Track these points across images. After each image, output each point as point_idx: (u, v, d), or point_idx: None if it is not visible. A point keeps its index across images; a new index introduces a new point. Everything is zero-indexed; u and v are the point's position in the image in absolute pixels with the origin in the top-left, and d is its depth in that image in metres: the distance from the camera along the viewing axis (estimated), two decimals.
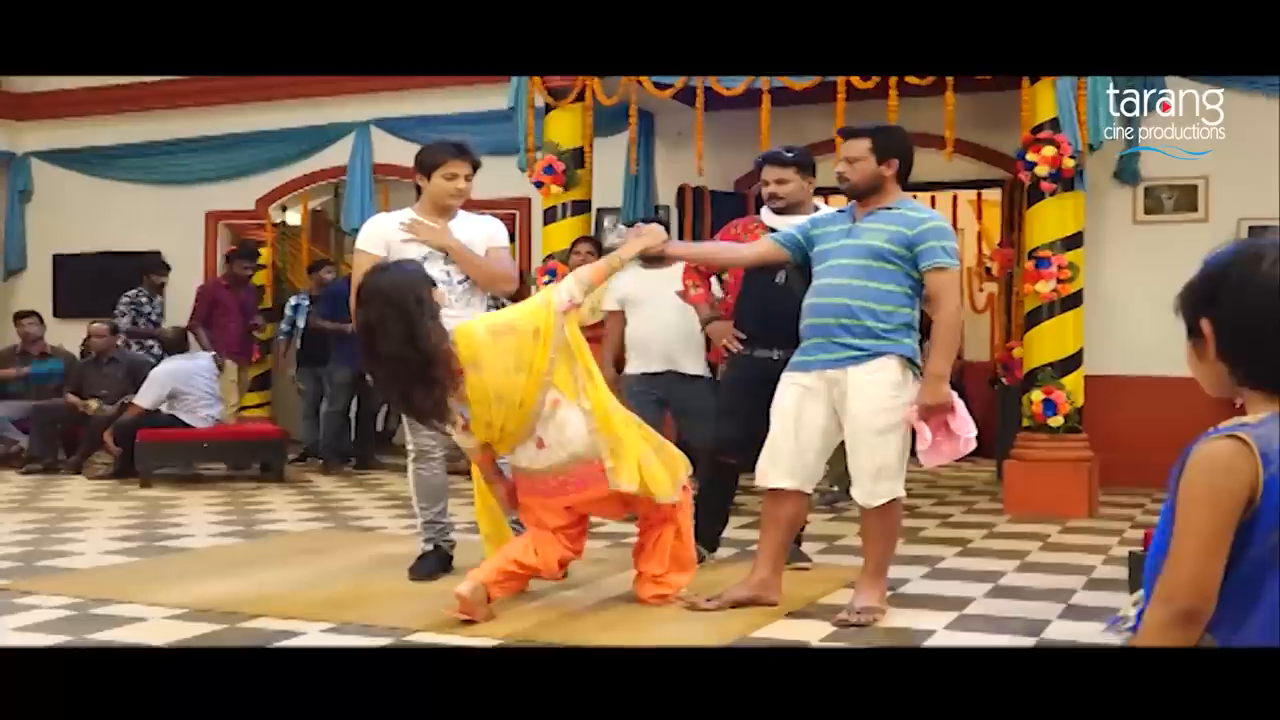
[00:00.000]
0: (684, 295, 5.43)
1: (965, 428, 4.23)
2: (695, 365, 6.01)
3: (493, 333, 4.24)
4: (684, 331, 5.84)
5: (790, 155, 5.12)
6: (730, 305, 5.29)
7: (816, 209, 5.03)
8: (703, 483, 5.24)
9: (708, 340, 5.60)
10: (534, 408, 4.19)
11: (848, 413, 4.29)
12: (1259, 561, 1.73)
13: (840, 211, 4.56)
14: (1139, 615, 1.92)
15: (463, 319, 4.95)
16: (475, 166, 5.10)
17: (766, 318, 4.95)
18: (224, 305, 10.06)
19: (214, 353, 9.51)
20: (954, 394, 4.24)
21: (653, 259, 4.80)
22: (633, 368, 6.14)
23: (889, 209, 4.36)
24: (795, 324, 4.45)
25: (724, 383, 5.43)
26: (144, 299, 10.25)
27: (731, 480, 5.36)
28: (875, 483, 4.28)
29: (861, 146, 4.37)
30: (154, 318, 10.29)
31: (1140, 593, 1.98)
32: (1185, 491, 1.75)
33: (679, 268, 5.44)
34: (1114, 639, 2.02)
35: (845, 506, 6.60)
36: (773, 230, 4.86)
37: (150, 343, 10.00)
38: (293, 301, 10.08)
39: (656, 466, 4.35)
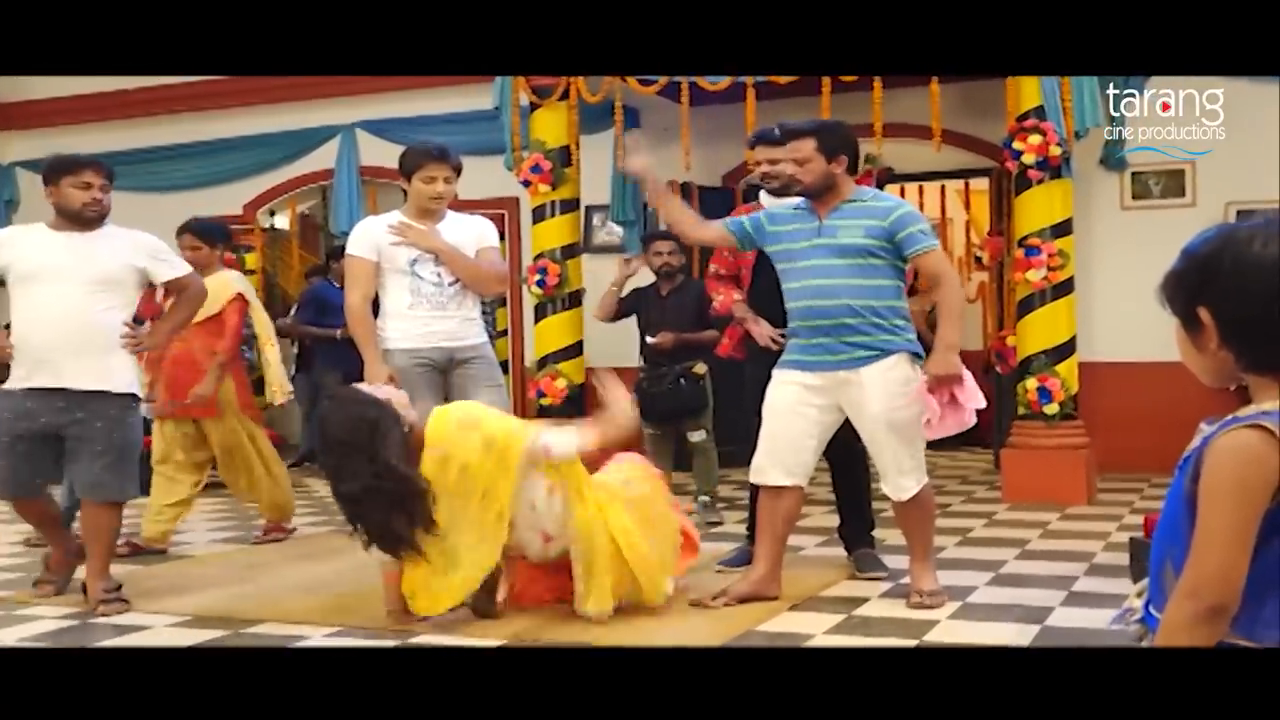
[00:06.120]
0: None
1: (971, 398, 4.24)
2: (97, 379, 4.58)
3: (461, 426, 4.09)
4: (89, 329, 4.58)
5: (779, 133, 4.87)
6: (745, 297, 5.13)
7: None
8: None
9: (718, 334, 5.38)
10: (501, 510, 4.06)
11: (866, 413, 4.30)
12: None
13: (797, 208, 4.49)
14: (1146, 606, 1.89)
15: (455, 320, 4.98)
16: (456, 169, 5.07)
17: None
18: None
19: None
20: (962, 365, 4.24)
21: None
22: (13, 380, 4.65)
23: (851, 202, 4.35)
24: None
25: (755, 383, 4.87)
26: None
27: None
28: (903, 476, 4.33)
29: (807, 147, 4.32)
30: None
31: (1144, 582, 1.94)
32: (1211, 484, 1.69)
33: None
34: (1122, 631, 1.97)
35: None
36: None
37: None
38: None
39: (645, 570, 4.22)
